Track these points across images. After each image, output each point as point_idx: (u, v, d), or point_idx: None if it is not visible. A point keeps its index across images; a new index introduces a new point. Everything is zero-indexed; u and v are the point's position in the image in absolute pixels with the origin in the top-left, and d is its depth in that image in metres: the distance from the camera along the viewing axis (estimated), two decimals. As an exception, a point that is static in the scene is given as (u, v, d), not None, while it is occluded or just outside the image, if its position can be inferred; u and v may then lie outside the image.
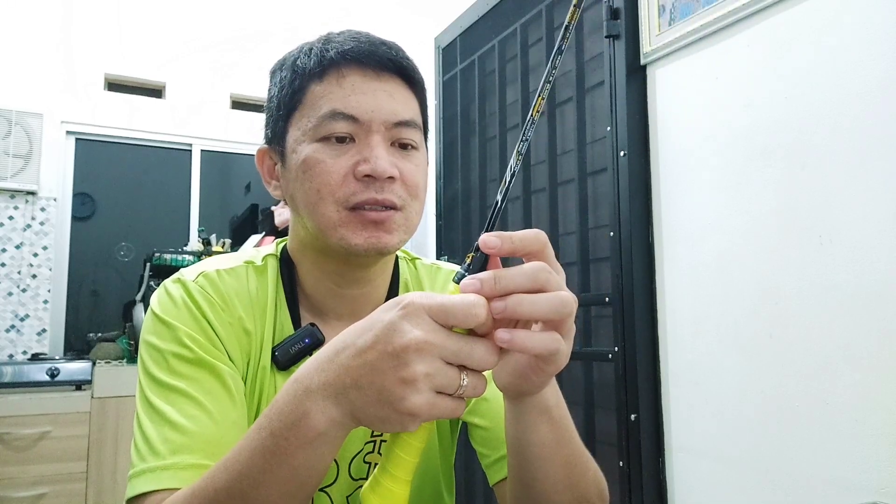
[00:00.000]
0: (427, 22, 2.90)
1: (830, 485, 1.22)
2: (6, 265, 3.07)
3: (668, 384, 1.62)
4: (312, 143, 0.68)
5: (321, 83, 0.68)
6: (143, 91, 3.49)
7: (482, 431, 0.75)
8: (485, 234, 0.47)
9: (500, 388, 0.53)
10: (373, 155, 0.66)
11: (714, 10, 1.49)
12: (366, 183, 0.66)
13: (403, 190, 0.69)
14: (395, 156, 0.69)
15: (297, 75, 0.70)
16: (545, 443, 0.56)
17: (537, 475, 0.57)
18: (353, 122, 0.67)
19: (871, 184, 1.18)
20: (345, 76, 0.68)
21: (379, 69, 0.69)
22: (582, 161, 1.92)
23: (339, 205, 0.67)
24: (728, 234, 1.46)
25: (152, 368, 0.67)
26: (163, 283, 0.74)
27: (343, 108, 0.67)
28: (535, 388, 0.51)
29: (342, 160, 0.67)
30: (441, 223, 2.72)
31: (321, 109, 0.67)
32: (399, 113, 0.69)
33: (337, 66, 0.68)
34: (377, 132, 0.67)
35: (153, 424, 0.64)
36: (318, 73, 0.68)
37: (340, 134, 0.67)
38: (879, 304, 1.16)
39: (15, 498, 2.48)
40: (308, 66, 0.69)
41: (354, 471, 0.75)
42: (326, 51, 0.69)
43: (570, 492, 0.59)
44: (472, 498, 2.34)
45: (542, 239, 0.48)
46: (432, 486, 0.80)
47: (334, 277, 0.73)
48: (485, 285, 0.44)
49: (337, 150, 0.67)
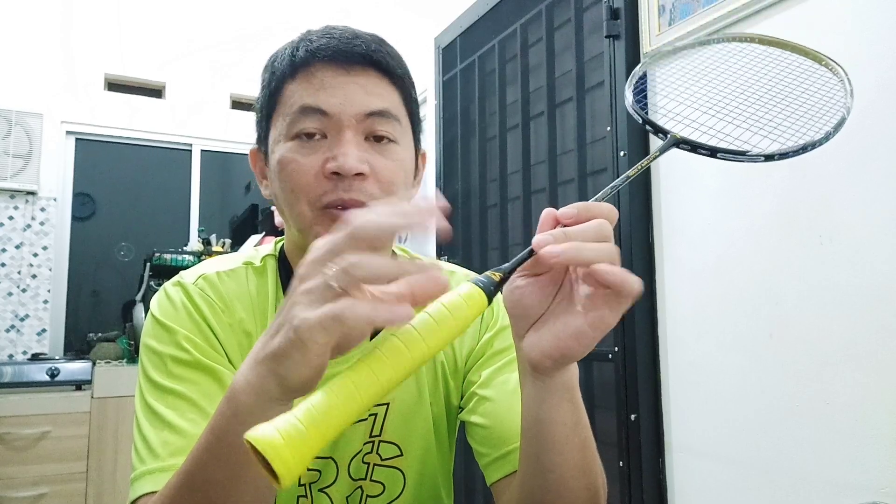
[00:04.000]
0: (427, 22, 2.90)
1: (830, 485, 1.22)
2: (6, 265, 3.07)
3: (668, 384, 1.62)
4: (287, 141, 0.67)
5: (293, 82, 0.68)
6: (143, 91, 3.49)
7: (481, 430, 0.75)
8: (540, 234, 0.47)
9: (543, 356, 0.50)
10: (340, 151, 0.65)
11: (714, 10, 1.49)
12: (334, 181, 0.65)
13: (376, 187, 0.67)
14: (369, 150, 0.67)
15: (274, 76, 0.70)
16: (566, 423, 0.55)
17: (556, 459, 0.57)
18: (322, 115, 0.66)
19: (871, 184, 1.18)
20: (314, 73, 0.67)
21: (349, 64, 0.67)
22: (582, 161, 1.92)
23: (311, 204, 0.66)
24: (728, 234, 1.46)
25: (151, 372, 0.67)
26: (163, 286, 0.74)
27: (312, 103, 0.66)
28: (584, 350, 0.49)
29: (313, 158, 0.66)
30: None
31: (293, 107, 0.67)
32: (371, 104, 0.67)
33: (307, 65, 0.68)
34: (348, 126, 0.66)
35: (152, 427, 0.64)
36: (290, 73, 0.68)
37: (310, 130, 0.66)
38: (879, 304, 1.16)
39: (15, 498, 2.48)
40: (282, 66, 0.69)
41: (353, 471, 0.75)
42: (297, 49, 0.69)
43: (583, 478, 0.58)
44: (472, 498, 2.34)
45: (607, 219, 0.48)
46: (431, 489, 0.79)
47: None
48: (556, 238, 0.45)
49: (308, 147, 0.66)
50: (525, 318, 0.51)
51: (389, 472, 0.76)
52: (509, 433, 0.72)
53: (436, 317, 0.43)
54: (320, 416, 0.38)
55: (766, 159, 0.53)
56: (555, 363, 0.51)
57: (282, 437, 0.37)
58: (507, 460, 0.71)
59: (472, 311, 0.44)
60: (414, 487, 0.77)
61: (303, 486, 0.74)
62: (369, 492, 0.75)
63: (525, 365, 0.53)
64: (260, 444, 0.37)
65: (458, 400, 0.80)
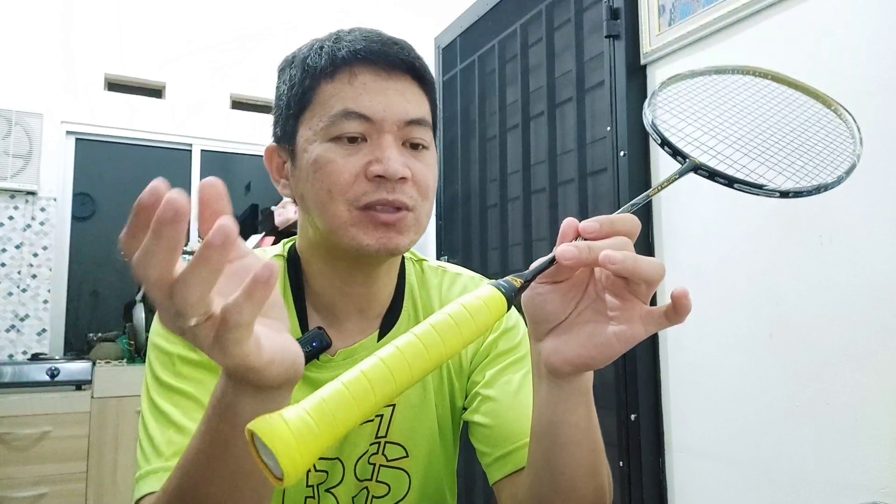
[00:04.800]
0: (427, 22, 2.90)
1: (830, 485, 1.22)
2: (6, 265, 3.06)
3: (668, 384, 1.62)
4: (324, 142, 0.67)
5: (332, 82, 0.68)
6: (143, 91, 3.49)
7: (484, 430, 0.75)
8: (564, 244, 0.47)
9: (564, 363, 0.50)
10: (385, 156, 0.66)
11: (714, 10, 1.49)
12: (377, 183, 0.66)
13: (414, 190, 0.69)
14: (407, 155, 0.69)
15: (308, 74, 0.69)
16: (580, 425, 0.55)
17: (567, 461, 0.57)
18: (364, 121, 0.67)
19: (871, 184, 1.18)
20: (356, 75, 0.68)
21: (390, 68, 0.68)
22: (582, 161, 1.92)
23: (349, 204, 0.67)
24: (728, 234, 1.46)
25: (159, 370, 0.68)
26: None
27: (355, 108, 0.66)
28: (607, 360, 0.50)
29: (353, 160, 0.67)
30: (441, 223, 2.72)
31: (333, 109, 0.67)
32: (410, 112, 0.68)
33: (348, 65, 0.68)
34: (389, 132, 0.67)
35: (158, 426, 0.65)
36: (329, 73, 0.68)
37: (352, 134, 0.67)
38: (879, 304, 1.16)
39: (15, 498, 2.48)
40: (319, 64, 0.69)
41: (359, 472, 0.75)
42: (338, 49, 0.68)
43: (592, 479, 0.58)
44: (471, 498, 2.34)
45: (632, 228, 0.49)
46: (435, 489, 0.80)
47: (343, 276, 0.73)
48: (581, 250, 0.46)
49: (348, 149, 0.67)
50: (545, 323, 0.51)
51: (395, 472, 0.76)
52: (512, 432, 0.72)
53: (456, 318, 0.42)
54: (332, 412, 0.36)
55: (782, 196, 0.54)
56: (575, 369, 0.51)
57: (291, 430, 0.34)
58: (509, 459, 0.71)
59: (491, 314, 0.43)
60: (419, 488, 0.78)
61: (310, 486, 0.74)
62: (375, 492, 0.75)
63: (541, 368, 0.53)
64: (266, 437, 0.34)
65: (462, 401, 0.80)
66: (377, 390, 0.38)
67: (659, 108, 0.63)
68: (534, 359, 0.54)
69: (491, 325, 0.45)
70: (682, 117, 0.63)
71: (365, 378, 0.38)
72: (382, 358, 0.39)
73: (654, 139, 0.58)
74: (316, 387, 0.74)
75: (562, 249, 0.46)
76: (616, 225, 0.48)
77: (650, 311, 0.48)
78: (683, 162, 0.56)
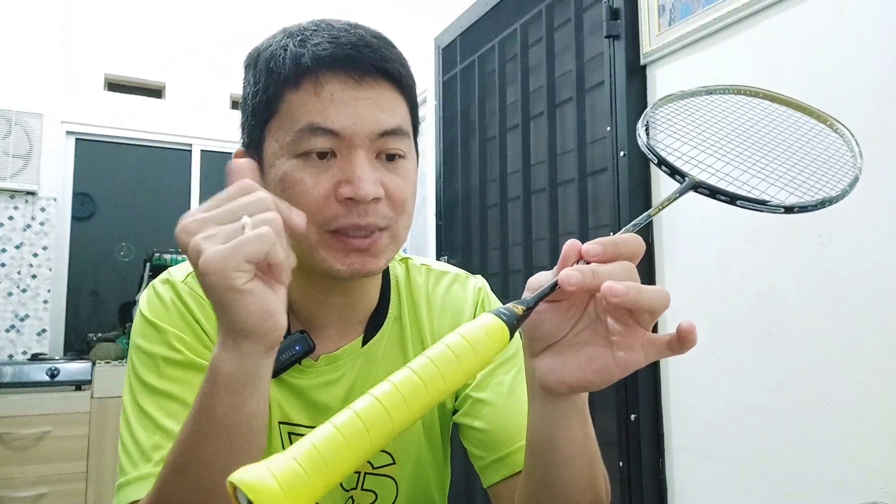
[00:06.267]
0: (427, 22, 2.90)
1: (830, 485, 1.22)
2: (6, 265, 3.07)
3: (668, 384, 1.62)
4: (290, 158, 0.62)
5: (297, 91, 0.62)
6: (143, 91, 3.49)
7: (479, 434, 0.73)
8: (567, 269, 0.46)
9: (559, 383, 0.49)
10: (355, 176, 0.60)
11: (714, 10, 1.49)
12: (348, 206, 0.61)
13: (389, 208, 0.64)
14: (381, 170, 0.63)
15: (272, 80, 0.63)
16: (576, 441, 0.54)
17: (563, 475, 0.56)
18: (333, 136, 0.61)
19: (871, 184, 1.18)
20: (322, 85, 0.61)
21: (360, 75, 0.62)
22: (582, 161, 1.92)
23: (319, 227, 0.62)
24: (728, 234, 1.46)
25: (141, 372, 0.66)
26: (151, 283, 0.72)
27: (322, 123, 0.60)
28: (603, 384, 0.48)
29: (322, 179, 0.61)
30: (441, 223, 2.72)
31: (298, 122, 0.61)
32: (384, 123, 0.62)
33: (314, 74, 0.61)
34: (360, 147, 0.61)
35: (144, 430, 0.63)
36: (293, 81, 0.62)
37: (321, 149, 0.61)
38: (879, 304, 1.16)
39: (15, 498, 2.48)
40: (283, 71, 0.62)
41: (345, 481, 0.73)
42: (302, 56, 0.62)
43: (589, 491, 0.58)
44: (472, 499, 2.34)
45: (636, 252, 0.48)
46: (423, 495, 0.78)
47: (321, 289, 0.70)
48: (585, 276, 0.45)
49: (317, 167, 0.61)
50: (541, 340, 0.50)
51: (381, 480, 0.75)
52: (506, 436, 0.71)
53: (456, 351, 0.40)
54: (323, 458, 0.33)
55: (787, 211, 0.53)
56: (570, 390, 0.50)
57: (277, 482, 0.31)
58: (504, 463, 0.70)
59: (493, 346, 0.42)
60: (407, 495, 0.76)
61: None
62: (361, 501, 0.74)
63: (535, 385, 0.52)
64: (250, 490, 0.30)
65: (452, 403, 0.79)
66: (373, 431, 0.35)
67: (653, 128, 0.62)
68: (528, 375, 0.53)
69: (493, 357, 0.43)
70: (677, 137, 0.63)
71: (358, 419, 0.35)
72: (377, 396, 0.36)
73: (650, 160, 0.58)
74: (298, 392, 0.73)
75: (565, 275, 0.45)
76: (619, 247, 0.46)
77: (652, 340, 0.47)
78: (682, 181, 0.55)
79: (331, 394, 0.72)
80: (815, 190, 0.57)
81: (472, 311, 0.79)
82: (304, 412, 0.72)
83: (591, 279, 0.44)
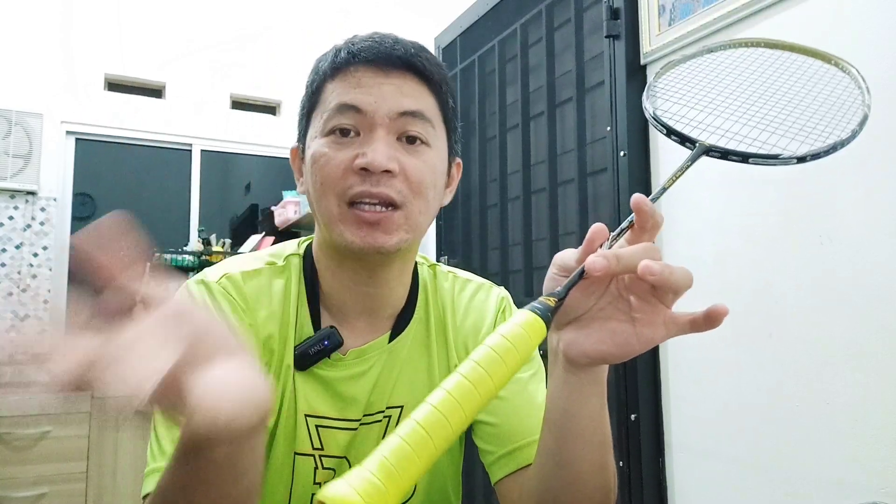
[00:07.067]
0: (427, 22, 2.90)
1: (830, 485, 1.22)
2: (6, 265, 3.07)
3: (668, 384, 1.62)
4: (321, 137, 0.69)
5: (333, 81, 0.70)
6: (143, 91, 3.48)
7: (490, 428, 0.75)
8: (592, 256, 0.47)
9: (581, 354, 0.51)
10: (370, 148, 0.66)
11: (714, 10, 1.49)
12: (362, 176, 0.67)
13: (405, 185, 0.68)
14: (399, 151, 0.68)
15: (317, 77, 0.73)
16: (593, 417, 0.56)
17: (577, 453, 0.57)
18: (356, 112, 0.68)
19: (871, 184, 1.18)
20: (352, 74, 0.69)
21: (387, 66, 0.69)
22: (582, 161, 1.92)
23: (338, 199, 0.68)
24: (728, 234, 1.46)
25: None
26: (185, 283, 0.74)
27: (347, 100, 0.68)
28: (624, 357, 0.50)
29: (344, 153, 0.68)
30: (441, 223, 2.72)
31: (329, 104, 0.69)
32: (405, 104, 0.68)
33: (346, 66, 0.70)
34: (381, 125, 0.68)
35: (164, 425, 0.66)
36: (330, 74, 0.71)
37: (344, 126, 0.68)
38: (879, 304, 1.16)
39: (15, 498, 2.48)
40: (324, 67, 0.72)
41: None
42: (340, 52, 0.71)
43: (600, 475, 0.59)
44: (471, 499, 2.34)
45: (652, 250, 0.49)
46: (440, 490, 0.80)
47: (350, 274, 0.74)
48: (610, 262, 0.46)
49: (341, 143, 0.68)
50: (566, 314, 0.51)
51: None
52: (518, 430, 0.72)
53: (499, 350, 0.42)
54: (395, 468, 0.37)
55: (799, 161, 0.52)
56: (591, 362, 0.52)
57: (360, 496, 0.35)
58: (513, 457, 0.72)
59: (533, 339, 0.44)
60: (424, 489, 0.78)
61: (318, 484, 0.74)
62: None
63: (559, 356, 0.53)
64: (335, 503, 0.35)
65: None
66: (434, 436, 0.39)
67: (658, 98, 0.62)
68: (551, 346, 0.55)
69: (533, 349, 0.45)
70: (683, 103, 0.62)
71: (420, 428, 0.39)
72: (434, 404, 0.40)
73: (658, 130, 0.57)
74: (326, 385, 0.74)
75: (591, 261, 0.46)
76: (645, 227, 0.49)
77: (674, 317, 0.49)
78: (693, 147, 0.54)
79: (357, 387, 0.75)
80: (825, 135, 0.56)
81: (494, 318, 0.82)
82: (330, 403, 0.74)
83: (616, 264, 0.46)
